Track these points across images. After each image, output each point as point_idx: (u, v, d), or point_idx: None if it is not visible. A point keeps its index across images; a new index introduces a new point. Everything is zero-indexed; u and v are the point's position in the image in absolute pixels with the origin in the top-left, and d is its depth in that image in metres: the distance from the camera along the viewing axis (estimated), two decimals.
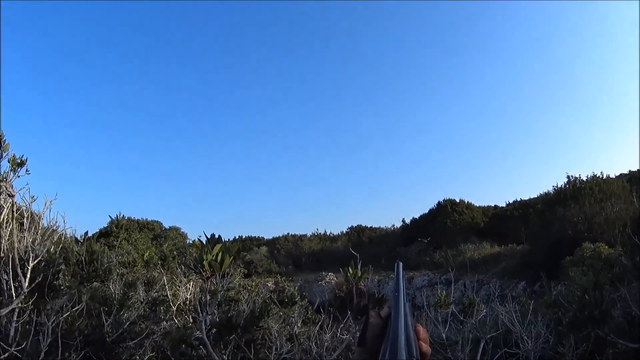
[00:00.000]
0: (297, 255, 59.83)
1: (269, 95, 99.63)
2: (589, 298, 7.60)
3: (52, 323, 5.92)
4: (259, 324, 5.57)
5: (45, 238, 6.57)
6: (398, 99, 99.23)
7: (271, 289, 20.46)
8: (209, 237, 5.62)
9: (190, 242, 44.54)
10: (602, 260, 22.28)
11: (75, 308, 6.40)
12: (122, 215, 42.82)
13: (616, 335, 7.04)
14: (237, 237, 66.84)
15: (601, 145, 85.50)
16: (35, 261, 6.12)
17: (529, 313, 7.78)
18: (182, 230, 48.42)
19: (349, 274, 6.35)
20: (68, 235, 7.78)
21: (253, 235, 68.26)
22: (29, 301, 5.96)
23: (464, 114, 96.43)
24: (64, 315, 6.15)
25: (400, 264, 1.60)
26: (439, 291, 9.26)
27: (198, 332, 5.45)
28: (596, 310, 7.39)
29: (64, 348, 6.09)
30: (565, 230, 30.38)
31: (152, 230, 44.58)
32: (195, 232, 75.65)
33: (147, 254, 11.80)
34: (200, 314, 5.22)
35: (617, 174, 40.16)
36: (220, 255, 5.28)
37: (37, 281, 6.12)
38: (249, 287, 14.56)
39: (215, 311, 5.73)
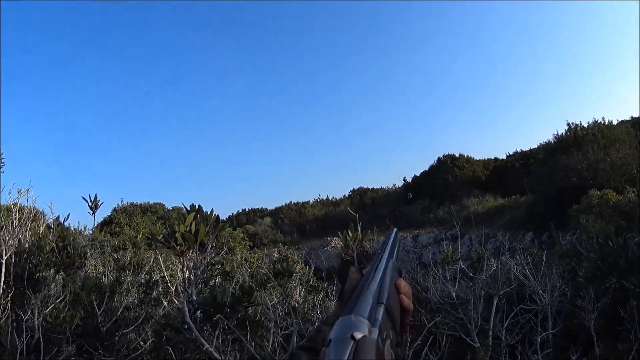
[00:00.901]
0: (301, 223, 60.05)
1: (263, 60, 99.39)
2: (612, 245, 7.12)
3: (37, 317, 5.67)
4: (249, 301, 5.04)
5: (18, 229, 6.37)
6: (393, 56, 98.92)
7: (275, 259, 20.48)
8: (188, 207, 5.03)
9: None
10: (611, 207, 21.97)
11: (59, 299, 6.12)
12: (124, 202, 43.39)
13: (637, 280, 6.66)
14: (240, 211, 67.20)
15: (601, 92, 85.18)
16: (9, 254, 5.91)
17: (542, 265, 7.45)
18: (184, 210, 48.63)
19: (348, 238, 5.81)
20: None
21: (256, 207, 68.32)
22: (8, 296, 5.68)
23: (461, 65, 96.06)
24: (48, 309, 5.86)
25: (395, 230, 1.52)
26: (445, 247, 8.96)
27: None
28: (621, 259, 6.96)
29: (52, 343, 5.86)
30: (569, 179, 30.05)
31: (155, 213, 44.87)
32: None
33: (140, 235, 11.45)
34: (181, 295, 4.77)
35: (619, 120, 39.64)
36: (193, 225, 4.67)
37: (13, 274, 5.94)
38: (251, 260, 14.31)
39: (203, 290, 5.30)
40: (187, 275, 4.97)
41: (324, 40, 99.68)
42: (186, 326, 4.74)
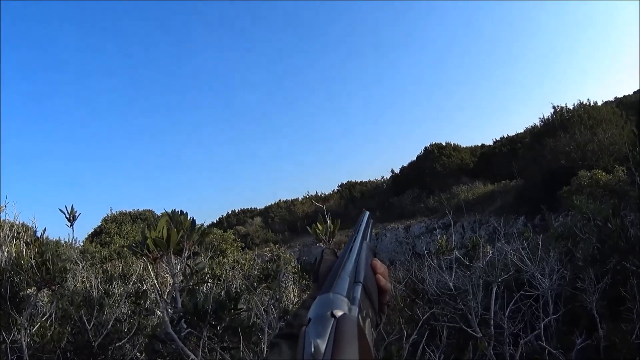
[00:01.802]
0: (292, 221, 59.79)
1: (246, 58, 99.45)
2: (611, 227, 7.04)
3: (25, 338, 5.49)
4: (236, 307, 4.84)
5: None
6: (376, 46, 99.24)
7: (267, 259, 20.43)
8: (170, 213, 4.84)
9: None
10: (602, 186, 22.07)
11: (45, 317, 5.98)
12: (113, 211, 43.34)
13: (638, 261, 6.60)
14: (230, 212, 67.37)
15: (584, 74, 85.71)
16: None
17: (538, 249, 7.31)
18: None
19: (317, 232, 5.61)
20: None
21: (246, 208, 68.44)
22: None
23: (442, 53, 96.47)
24: (35, 328, 5.72)
25: (367, 213, 1.54)
26: (438, 237, 8.89)
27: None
28: (621, 241, 6.89)
29: None
30: (558, 161, 30.19)
31: (145, 220, 44.75)
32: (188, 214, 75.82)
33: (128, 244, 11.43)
34: (161, 304, 4.65)
35: (604, 102, 39.84)
36: (165, 231, 4.48)
37: None
38: (242, 262, 14.22)
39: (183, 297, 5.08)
40: (171, 283, 4.88)
41: (308, 37, 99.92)
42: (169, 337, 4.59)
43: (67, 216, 7.42)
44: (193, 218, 4.98)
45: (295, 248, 45.94)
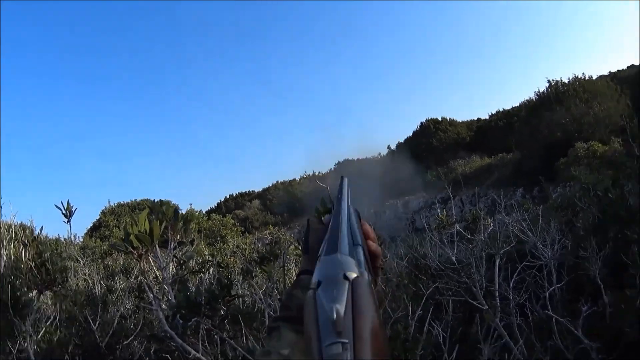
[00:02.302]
0: (291, 202, 59.90)
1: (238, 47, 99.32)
2: (612, 197, 7.18)
3: (31, 345, 5.34)
4: (229, 294, 4.79)
5: None
6: (372, 20, 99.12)
7: (267, 241, 20.31)
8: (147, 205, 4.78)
9: (183, 212, 44.97)
10: (598, 157, 22.22)
11: (49, 321, 5.83)
12: (111, 203, 43.26)
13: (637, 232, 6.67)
14: (228, 196, 67.37)
15: (579, 48, 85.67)
16: None
17: (539, 220, 7.28)
18: (172, 203, 48.64)
19: (323, 217, 5.46)
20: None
21: (244, 191, 68.58)
22: None
23: (437, 25, 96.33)
24: (40, 334, 5.56)
25: (346, 178, 1.59)
26: (438, 211, 8.91)
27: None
28: (622, 210, 6.99)
29: None
30: (554, 133, 30.45)
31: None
32: (185, 200, 76.08)
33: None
34: (154, 301, 4.49)
35: (598, 75, 40.02)
36: (147, 224, 4.37)
37: None
38: (243, 247, 14.14)
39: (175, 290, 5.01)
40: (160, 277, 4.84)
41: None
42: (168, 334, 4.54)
43: (64, 212, 7.34)
44: (176, 207, 4.97)
45: (295, 229, 45.86)
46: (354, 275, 0.78)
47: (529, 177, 29.49)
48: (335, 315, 0.70)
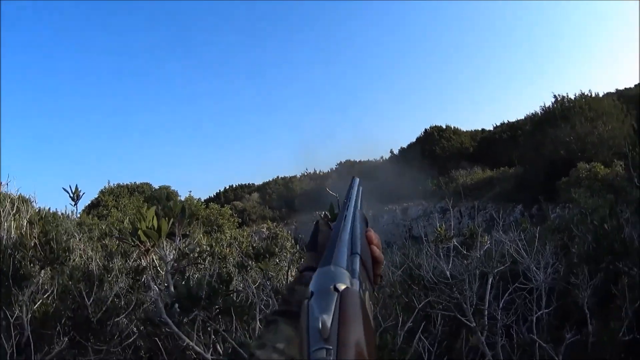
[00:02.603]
0: (290, 198, 60.03)
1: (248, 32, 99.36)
2: (608, 228, 7.22)
3: (26, 314, 5.49)
4: (227, 289, 4.98)
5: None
6: (378, 26, 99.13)
7: (265, 236, 20.20)
8: (153, 194, 4.83)
9: (182, 199, 45.01)
10: (599, 180, 22.17)
11: (47, 294, 5.95)
12: (110, 184, 43.32)
13: (631, 263, 6.77)
14: (227, 187, 67.19)
15: (587, 64, 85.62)
16: None
17: (535, 241, 7.34)
18: (172, 188, 48.74)
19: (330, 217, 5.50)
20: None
21: (243, 183, 68.30)
22: None
23: (446, 34, 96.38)
24: (36, 305, 5.69)
25: (358, 179, 1.58)
26: (436, 222, 8.99)
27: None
28: (616, 243, 7.03)
29: (42, 339, 5.71)
30: (558, 151, 30.30)
31: (143, 193, 44.82)
32: (185, 188, 76.17)
33: (127, 220, 11.28)
34: (154, 289, 4.76)
35: (605, 93, 39.79)
36: (155, 221, 4.49)
37: None
38: (240, 240, 14.09)
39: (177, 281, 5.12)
40: (154, 271, 5.08)
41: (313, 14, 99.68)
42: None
43: (71, 195, 7.44)
44: (183, 204, 5.05)
45: (292, 225, 45.89)
46: (343, 286, 0.83)
47: (529, 193, 29.52)
48: (320, 325, 0.75)
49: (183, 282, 4.78)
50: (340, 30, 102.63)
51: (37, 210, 8.23)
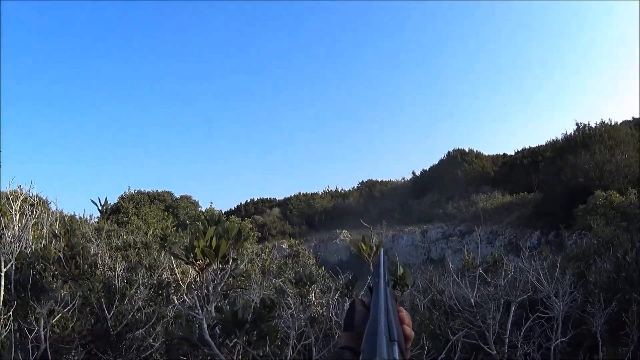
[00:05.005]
0: (310, 215, 59.78)
1: (272, 52, 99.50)
2: (629, 260, 7.45)
3: (43, 328, 5.39)
4: (271, 315, 4.91)
5: (20, 233, 6.06)
6: (404, 50, 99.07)
7: (286, 252, 20.21)
8: (207, 216, 4.88)
9: (203, 210, 44.88)
10: (614, 208, 22.35)
11: (67, 308, 5.72)
12: (131, 190, 43.17)
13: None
14: (249, 200, 66.98)
15: (606, 92, 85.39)
16: (9, 265, 5.62)
17: (556, 269, 7.56)
18: (193, 198, 48.63)
19: (362, 251, 5.78)
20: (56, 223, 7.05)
21: (265, 197, 67.87)
22: (10, 309, 5.34)
23: (472, 62, 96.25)
24: (55, 319, 5.52)
25: (383, 250, 1.69)
26: (455, 244, 9.16)
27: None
28: (636, 274, 7.24)
29: (59, 354, 5.72)
30: (577, 178, 30.31)
31: (163, 202, 44.70)
32: (206, 199, 76.41)
33: (151, 231, 11.36)
34: (200, 311, 4.61)
35: (622, 121, 39.87)
36: (214, 240, 4.46)
37: (14, 281, 5.68)
38: (263, 254, 14.07)
39: (220, 303, 5.06)
40: (209, 290, 4.82)
41: (336, 35, 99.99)
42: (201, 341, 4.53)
43: (100, 208, 7.70)
44: (239, 227, 4.97)
45: (312, 242, 45.40)
46: None
47: (547, 220, 29.62)
48: None
49: (227, 305, 4.75)
50: (374, 48, 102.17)
51: (58, 215, 8.05)
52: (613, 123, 35.68)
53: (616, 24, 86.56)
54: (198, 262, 4.49)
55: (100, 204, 7.47)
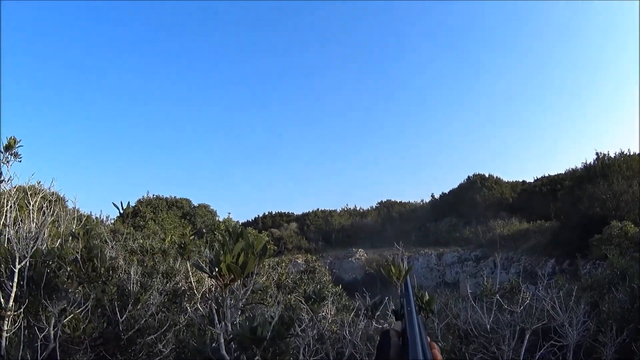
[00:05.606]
0: (327, 231, 59.84)
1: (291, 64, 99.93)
2: None
3: (53, 327, 5.40)
4: (289, 332, 4.87)
5: (36, 230, 6.08)
6: (425, 74, 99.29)
7: (302, 267, 20.17)
8: (231, 229, 4.57)
9: (220, 219, 45.01)
10: (629, 238, 22.42)
11: (80, 310, 5.71)
12: (149, 194, 43.26)
13: None
14: (267, 213, 67.27)
15: (627, 122, 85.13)
16: (24, 262, 5.61)
17: (571, 298, 7.57)
18: (211, 207, 48.92)
19: (391, 274, 5.78)
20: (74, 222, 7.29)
21: (283, 211, 67.92)
22: (21, 306, 5.38)
23: (492, 90, 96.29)
24: (67, 319, 5.48)
25: (408, 279, 1.78)
26: (470, 269, 9.14)
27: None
28: None
29: (67, 354, 5.71)
30: (594, 208, 30.34)
31: (181, 209, 44.89)
32: (224, 209, 76.75)
33: (169, 238, 11.46)
34: (217, 325, 4.58)
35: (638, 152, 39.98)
36: (242, 256, 4.26)
37: (27, 278, 5.68)
38: (280, 267, 14.12)
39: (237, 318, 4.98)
40: (230, 304, 4.80)
41: (360, 51, 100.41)
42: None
43: (121, 212, 7.92)
44: (265, 243, 4.74)
45: (327, 259, 45.36)
46: None
47: (563, 248, 29.77)
48: None
49: (246, 320, 4.55)
50: (405, 69, 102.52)
51: (76, 214, 8.17)
52: (632, 153, 35.73)
53: None
54: (222, 277, 4.30)
55: (122, 207, 7.62)
